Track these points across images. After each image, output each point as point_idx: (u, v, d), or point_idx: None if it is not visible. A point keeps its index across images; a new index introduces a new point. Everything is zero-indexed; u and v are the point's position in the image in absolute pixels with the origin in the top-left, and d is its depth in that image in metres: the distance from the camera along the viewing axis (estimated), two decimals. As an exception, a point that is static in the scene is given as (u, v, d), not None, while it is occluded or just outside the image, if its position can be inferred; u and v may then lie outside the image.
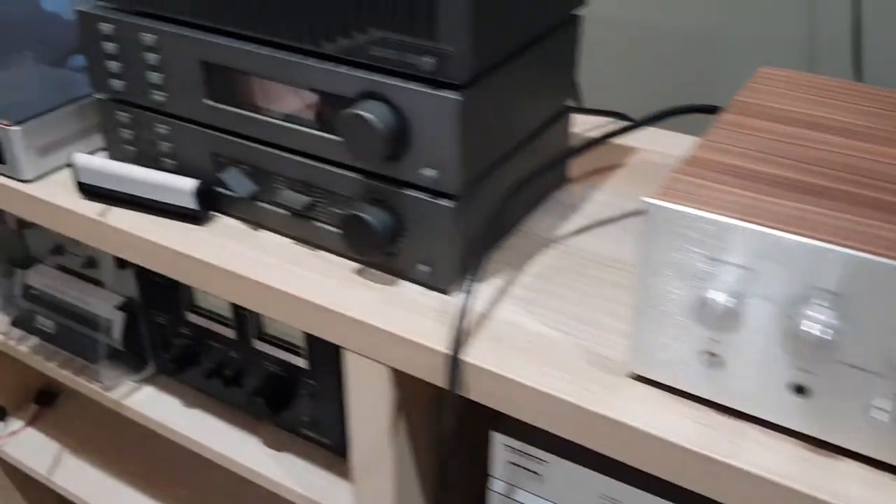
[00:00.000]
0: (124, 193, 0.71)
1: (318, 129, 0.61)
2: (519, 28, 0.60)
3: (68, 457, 1.10)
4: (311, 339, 0.73)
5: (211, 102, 0.66)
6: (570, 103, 0.72)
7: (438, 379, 0.56)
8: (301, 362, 0.75)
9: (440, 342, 0.56)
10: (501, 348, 0.56)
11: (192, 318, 0.81)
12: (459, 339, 0.55)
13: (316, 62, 0.59)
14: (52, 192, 0.74)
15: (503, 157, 0.63)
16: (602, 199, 0.74)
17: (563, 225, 0.70)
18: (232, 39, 0.62)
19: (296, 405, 0.78)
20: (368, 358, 0.60)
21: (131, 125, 0.72)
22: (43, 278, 0.89)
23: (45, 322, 0.87)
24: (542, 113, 0.67)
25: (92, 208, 0.72)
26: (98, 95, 0.72)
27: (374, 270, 0.64)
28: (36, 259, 0.90)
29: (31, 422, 1.14)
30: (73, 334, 0.86)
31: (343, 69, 0.58)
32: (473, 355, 0.55)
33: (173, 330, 0.83)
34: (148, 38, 0.66)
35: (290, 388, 0.78)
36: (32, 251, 0.90)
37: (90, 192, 0.72)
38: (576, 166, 0.79)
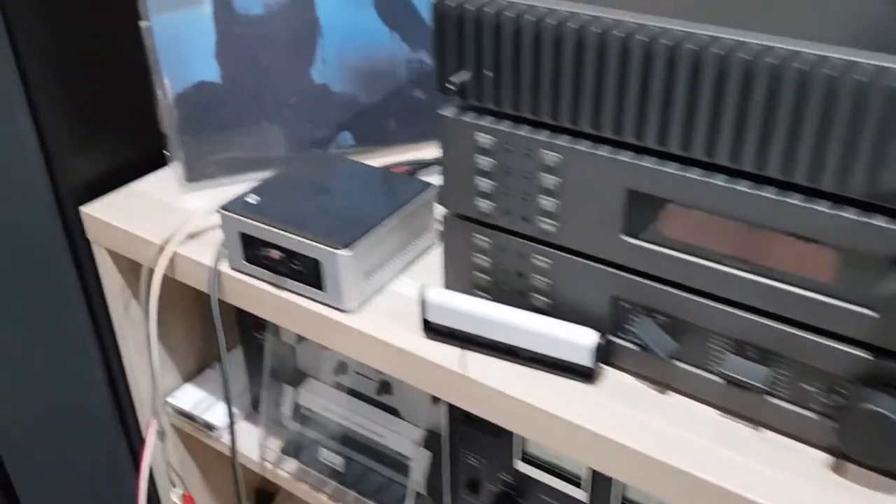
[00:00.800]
0: (486, 339, 0.57)
1: (814, 291, 0.46)
2: None
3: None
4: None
5: (630, 239, 0.52)
6: None
7: None
8: (683, 541, 0.61)
9: None
10: None
11: (523, 467, 0.67)
12: None
13: (830, 208, 0.44)
14: (385, 328, 0.61)
15: None
16: None
17: None
18: (678, 166, 0.48)
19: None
20: None
21: (493, 252, 0.58)
22: (319, 399, 0.77)
23: (329, 455, 0.75)
24: None
25: (443, 353, 0.58)
26: (448, 211, 0.59)
27: (857, 468, 0.49)
28: (308, 374, 0.78)
29: (254, 528, 1.03)
30: (364, 472, 0.73)
31: (880, 221, 0.43)
32: None
33: (491, 475, 0.70)
34: (550, 157, 0.52)
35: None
36: (304, 366, 0.78)
37: (437, 331, 0.59)
38: None
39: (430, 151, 0.84)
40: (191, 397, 0.87)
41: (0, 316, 0.88)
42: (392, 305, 0.64)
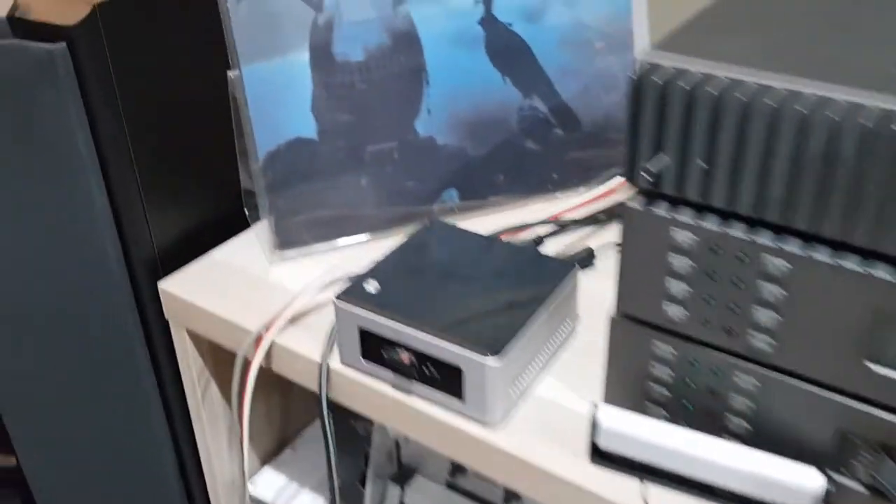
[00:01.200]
0: (675, 473, 0.48)
1: None
2: None
3: None
4: None
5: (876, 367, 0.42)
6: None
7: None
8: None
9: None
10: None
11: None
12: None
13: None
14: (539, 450, 0.51)
15: None
16: None
17: None
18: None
19: None
20: None
21: (679, 365, 0.48)
22: (430, 502, 0.67)
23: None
24: None
25: (617, 485, 0.49)
26: (618, 312, 0.50)
27: None
28: (416, 471, 0.68)
29: None
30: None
31: None
32: None
33: None
34: (775, 265, 0.42)
35: None
36: (411, 461, 0.68)
37: (609, 458, 0.50)
38: None
39: (538, 210, 0.74)
40: (271, 486, 0.77)
41: (64, 400, 0.78)
42: (540, 416, 0.54)
